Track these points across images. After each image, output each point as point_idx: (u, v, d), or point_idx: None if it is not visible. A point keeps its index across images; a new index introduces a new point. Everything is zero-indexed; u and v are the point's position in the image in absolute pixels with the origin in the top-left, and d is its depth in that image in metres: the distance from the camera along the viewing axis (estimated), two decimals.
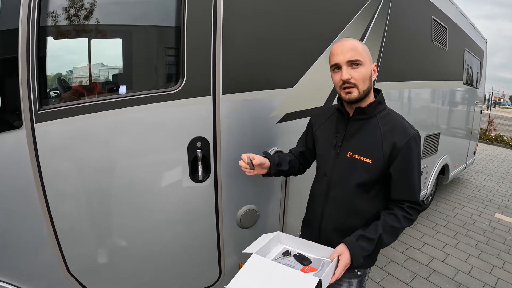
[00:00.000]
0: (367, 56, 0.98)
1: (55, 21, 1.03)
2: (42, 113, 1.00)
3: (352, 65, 0.96)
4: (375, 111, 1.03)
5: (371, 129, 1.01)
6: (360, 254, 0.95)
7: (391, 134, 0.98)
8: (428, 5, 2.59)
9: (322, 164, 1.14)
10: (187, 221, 1.36)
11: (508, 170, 6.12)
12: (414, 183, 1.00)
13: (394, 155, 0.97)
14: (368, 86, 0.98)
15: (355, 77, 0.96)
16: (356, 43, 0.98)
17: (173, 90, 1.18)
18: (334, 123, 1.12)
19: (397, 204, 1.02)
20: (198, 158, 1.27)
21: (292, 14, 1.45)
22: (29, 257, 1.09)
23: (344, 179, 1.05)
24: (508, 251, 2.83)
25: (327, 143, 1.11)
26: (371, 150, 1.00)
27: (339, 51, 0.97)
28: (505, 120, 17.80)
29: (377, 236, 0.97)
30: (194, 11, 1.16)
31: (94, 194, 1.14)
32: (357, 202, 1.04)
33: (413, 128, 1.00)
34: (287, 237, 1.11)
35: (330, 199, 1.09)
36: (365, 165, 1.00)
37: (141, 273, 1.32)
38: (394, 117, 1.03)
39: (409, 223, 1.01)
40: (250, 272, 0.91)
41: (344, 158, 1.04)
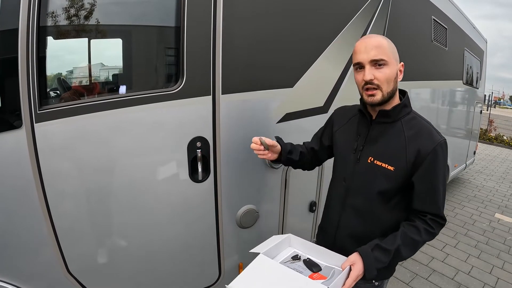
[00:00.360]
0: (393, 55, 0.90)
1: (55, 21, 1.03)
2: (42, 113, 1.00)
3: (375, 65, 0.89)
4: (400, 115, 0.95)
5: (394, 133, 0.94)
6: (374, 266, 0.89)
7: (416, 140, 0.91)
8: (428, 5, 2.59)
9: (340, 168, 1.08)
10: (186, 221, 1.36)
11: (508, 170, 6.12)
12: (439, 194, 0.92)
13: (419, 162, 0.90)
14: (393, 88, 0.91)
15: (379, 78, 0.88)
16: (382, 40, 0.90)
17: (173, 90, 1.18)
18: (356, 125, 1.05)
19: (419, 215, 0.95)
20: (198, 158, 1.27)
21: (291, 14, 1.45)
22: (29, 257, 1.09)
23: (363, 187, 0.98)
24: (508, 251, 2.83)
25: (347, 146, 1.05)
26: (394, 156, 0.93)
27: (363, 49, 0.90)
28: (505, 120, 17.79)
29: (394, 247, 0.90)
30: (194, 11, 1.16)
31: (94, 194, 1.14)
32: (377, 211, 0.98)
33: (440, 135, 0.93)
34: (299, 240, 1.06)
35: (348, 206, 1.03)
36: (386, 172, 0.93)
37: (141, 273, 1.32)
38: (420, 122, 0.95)
39: (430, 237, 0.94)
40: (254, 273, 0.86)
41: (364, 163, 0.98)
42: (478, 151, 6.26)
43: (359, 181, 1.00)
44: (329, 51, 1.62)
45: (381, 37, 0.92)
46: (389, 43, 0.91)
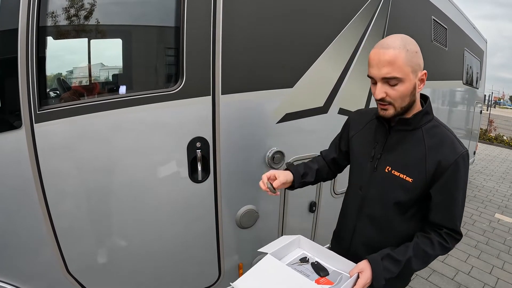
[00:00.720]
0: (411, 68, 0.81)
1: (54, 21, 1.03)
2: (42, 113, 1.00)
3: (387, 83, 0.82)
4: (421, 122, 0.90)
5: (414, 142, 0.89)
6: (383, 275, 0.87)
7: (437, 150, 0.86)
8: (428, 5, 2.59)
9: (357, 175, 1.04)
10: (186, 221, 1.36)
11: (508, 170, 6.11)
12: (457, 208, 0.88)
13: (439, 174, 0.85)
14: (409, 101, 0.86)
15: (392, 95, 0.83)
16: (398, 53, 0.79)
17: (173, 90, 1.18)
18: (373, 131, 1.00)
19: (434, 228, 0.91)
20: (198, 158, 1.27)
21: (291, 14, 1.44)
22: (28, 257, 1.08)
23: (380, 197, 0.95)
24: (508, 251, 2.83)
25: (364, 153, 1.00)
26: (413, 167, 0.88)
27: (375, 63, 0.82)
28: (505, 120, 17.79)
29: (405, 258, 0.88)
30: (194, 11, 1.16)
31: (94, 194, 1.14)
32: (393, 221, 0.95)
33: (462, 145, 0.88)
34: (308, 242, 1.05)
35: (364, 215, 1.01)
36: (404, 183, 0.89)
37: (140, 273, 1.32)
38: (442, 131, 0.90)
39: (443, 252, 0.91)
40: (260, 273, 0.86)
41: (381, 172, 0.94)
42: (478, 151, 6.26)
43: (376, 190, 0.97)
44: (329, 51, 1.62)
45: (399, 47, 0.80)
46: (408, 53, 0.80)
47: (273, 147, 1.52)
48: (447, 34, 2.98)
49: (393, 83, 0.82)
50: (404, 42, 0.82)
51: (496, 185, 4.97)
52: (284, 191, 1.66)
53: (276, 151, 1.51)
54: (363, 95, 1.94)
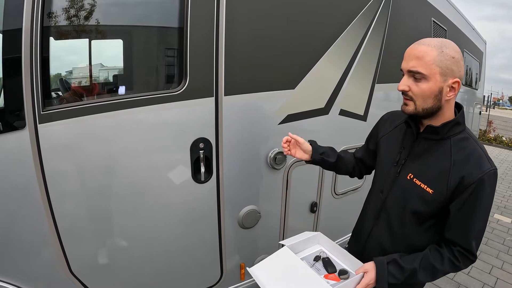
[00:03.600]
0: (439, 69, 0.79)
1: (59, 22, 1.04)
2: (46, 114, 1.00)
3: (413, 76, 0.82)
4: (450, 133, 0.86)
5: (441, 153, 0.86)
6: (386, 279, 0.87)
7: (462, 165, 0.82)
8: (428, 6, 2.60)
9: (379, 178, 1.04)
10: (189, 221, 1.36)
11: (507, 171, 6.14)
12: (474, 228, 0.84)
13: (460, 191, 0.82)
14: (432, 105, 0.82)
15: (414, 91, 0.82)
16: (430, 50, 0.79)
17: (176, 91, 1.18)
18: (401, 135, 0.98)
19: (448, 244, 0.88)
20: (201, 158, 1.28)
21: (293, 16, 1.45)
22: (31, 257, 1.09)
23: (399, 203, 0.94)
24: (507, 251, 2.84)
25: (389, 157, 0.99)
26: (435, 179, 0.85)
27: (407, 56, 0.83)
28: (504, 121, 17.84)
29: (411, 267, 0.87)
30: (197, 12, 1.17)
31: (97, 194, 1.14)
32: (408, 230, 0.93)
33: (491, 163, 0.83)
34: (326, 240, 1.09)
35: (381, 219, 1.00)
36: (424, 194, 0.87)
37: (143, 273, 1.32)
38: (472, 144, 0.85)
39: (453, 270, 0.88)
40: (274, 263, 0.94)
41: (404, 179, 0.92)
42: None
43: (396, 196, 0.95)
44: (330, 53, 1.63)
45: (434, 45, 0.80)
46: (441, 55, 0.79)
47: (275, 148, 1.52)
48: (446, 36, 3.00)
49: (418, 76, 0.81)
50: (442, 44, 0.81)
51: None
52: (285, 192, 1.66)
53: (278, 152, 1.52)
54: (364, 96, 1.95)
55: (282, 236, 1.74)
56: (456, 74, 0.81)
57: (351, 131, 1.90)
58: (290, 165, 1.63)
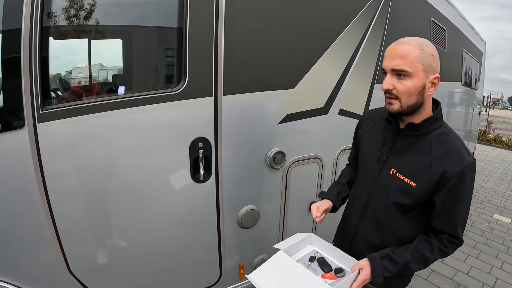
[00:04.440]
0: (422, 67, 0.82)
1: (58, 21, 1.04)
2: (45, 113, 1.00)
3: (397, 75, 0.84)
4: (430, 128, 0.90)
5: (421, 148, 0.90)
6: (381, 274, 0.90)
7: (443, 159, 0.86)
8: (427, 7, 2.60)
9: (362, 174, 1.06)
10: (188, 221, 1.36)
11: (507, 171, 6.14)
12: (459, 216, 0.89)
13: (442, 183, 0.86)
14: (416, 101, 0.85)
15: (399, 89, 0.84)
16: (411, 49, 0.82)
17: (175, 91, 1.18)
18: (382, 132, 1.00)
19: (436, 233, 0.93)
20: (200, 158, 1.28)
21: (293, 15, 1.45)
22: (30, 257, 1.09)
23: (383, 197, 0.97)
24: (506, 251, 2.84)
25: (371, 153, 1.02)
26: (418, 172, 0.89)
27: (389, 55, 0.85)
28: (504, 121, 17.86)
29: (403, 260, 0.91)
30: (196, 12, 1.17)
31: (96, 194, 1.14)
32: (394, 222, 0.97)
33: (469, 155, 0.87)
34: (319, 240, 1.11)
35: (367, 215, 1.03)
36: (408, 187, 0.90)
37: (142, 273, 1.32)
38: (450, 138, 0.90)
39: (442, 256, 0.94)
40: (271, 268, 0.95)
41: (387, 174, 0.95)
42: (476, 152, 6.28)
43: (380, 191, 0.98)
44: (329, 52, 1.63)
45: (414, 44, 0.83)
46: (422, 53, 0.82)
47: (274, 148, 1.53)
48: (446, 36, 3.00)
49: (403, 74, 0.83)
50: (421, 43, 0.84)
51: (495, 186, 4.99)
52: (284, 192, 1.66)
53: (277, 152, 1.52)
54: (363, 96, 1.95)
55: (282, 236, 1.74)
56: (436, 70, 0.85)
57: (350, 131, 1.89)
58: (289, 165, 1.63)
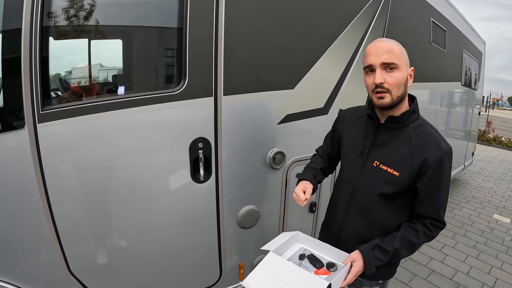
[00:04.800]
0: (404, 60, 0.90)
1: (59, 22, 1.04)
2: (45, 113, 1.00)
3: (386, 69, 0.89)
4: (408, 121, 0.96)
5: (402, 140, 0.96)
6: (373, 264, 0.94)
7: (422, 148, 0.93)
8: (427, 7, 2.61)
9: (346, 169, 1.10)
10: (188, 221, 1.36)
11: (506, 171, 6.15)
12: (441, 200, 0.95)
13: (424, 170, 0.92)
14: (403, 92, 0.92)
15: (389, 82, 0.89)
16: (393, 44, 0.90)
17: (176, 91, 1.19)
18: (363, 128, 1.05)
19: (420, 219, 0.98)
20: (200, 158, 1.28)
21: (293, 16, 1.46)
22: (30, 257, 1.09)
23: (368, 189, 1.01)
24: (506, 251, 2.85)
25: (353, 148, 1.06)
26: (400, 162, 0.94)
27: (374, 52, 0.90)
28: (503, 122, 17.87)
29: (393, 248, 0.95)
30: (197, 12, 1.17)
31: (96, 194, 1.14)
32: (380, 212, 1.01)
33: (446, 143, 0.94)
34: (306, 237, 1.12)
35: (352, 208, 1.06)
36: (391, 177, 0.95)
37: (142, 273, 1.32)
38: (428, 129, 0.97)
39: (428, 240, 0.98)
40: (265, 270, 0.94)
41: (370, 166, 1.00)
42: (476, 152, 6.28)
43: (364, 183, 1.02)
44: (329, 52, 1.63)
45: (393, 41, 0.92)
46: (401, 48, 0.91)
47: (274, 148, 1.53)
48: (445, 36, 3.01)
49: (392, 66, 0.88)
50: (396, 41, 0.93)
51: (495, 186, 5.00)
52: (284, 192, 1.67)
53: (277, 152, 1.52)
54: (363, 96, 1.95)
55: None
56: (409, 64, 0.94)
57: None
58: (289, 165, 1.63)
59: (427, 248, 2.83)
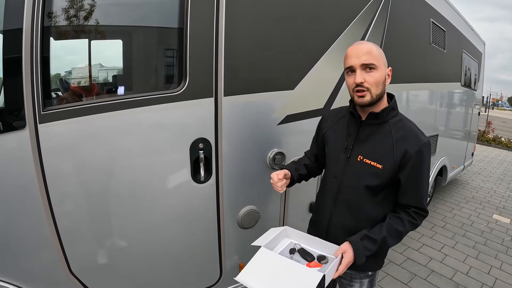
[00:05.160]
0: (382, 60, 0.97)
1: (60, 22, 1.04)
2: (46, 113, 1.00)
3: (366, 69, 0.95)
4: (388, 117, 1.03)
5: (383, 134, 1.02)
6: (363, 253, 0.98)
7: (403, 141, 0.98)
8: (427, 7, 2.61)
9: (332, 166, 1.14)
10: (188, 221, 1.37)
11: (506, 171, 6.15)
12: (422, 189, 1.01)
13: (405, 162, 0.98)
14: (381, 90, 0.98)
15: (369, 81, 0.95)
16: (372, 46, 0.97)
17: (176, 92, 1.19)
18: (346, 126, 1.11)
19: (404, 208, 1.04)
20: (200, 159, 1.29)
21: (293, 16, 1.46)
22: (31, 257, 1.09)
23: (353, 183, 1.05)
24: (506, 251, 2.85)
25: (337, 145, 1.11)
26: (382, 156, 1.00)
27: (354, 54, 0.96)
28: (503, 122, 17.89)
29: (381, 237, 1.00)
30: (197, 13, 1.18)
31: (97, 194, 1.15)
32: (366, 205, 1.05)
33: (424, 136, 1.01)
34: (295, 232, 1.13)
35: (339, 202, 1.10)
36: (375, 170, 1.00)
37: (143, 273, 1.32)
38: (407, 124, 1.03)
39: (413, 227, 1.03)
40: (258, 265, 0.95)
41: (354, 161, 1.05)
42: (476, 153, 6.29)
43: (350, 178, 1.06)
44: (329, 53, 1.64)
45: (371, 43, 0.99)
46: (379, 50, 0.98)
47: (274, 148, 1.53)
48: (445, 37, 3.01)
49: (372, 67, 0.95)
50: (374, 43, 1.00)
51: (494, 186, 5.00)
52: (284, 192, 1.67)
53: (277, 152, 1.52)
54: None
55: None
56: (387, 65, 1.01)
57: None
58: None
59: (427, 248, 2.83)
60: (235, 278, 0.93)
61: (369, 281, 1.17)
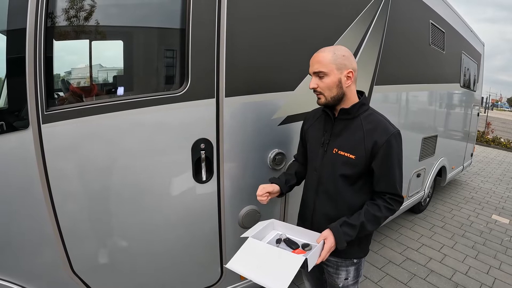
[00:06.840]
0: (336, 66, 1.05)
1: (63, 23, 1.05)
2: (49, 114, 1.01)
3: (318, 75, 1.07)
4: (359, 112, 1.11)
5: (354, 128, 1.10)
6: (343, 239, 1.05)
7: (372, 132, 1.07)
8: (426, 9, 2.63)
9: (312, 160, 1.23)
10: (190, 221, 1.37)
11: (505, 172, 6.17)
12: (395, 176, 1.08)
13: (375, 151, 1.06)
14: (337, 93, 1.07)
15: (321, 86, 1.07)
16: (325, 55, 1.05)
17: (178, 93, 1.20)
18: (322, 123, 1.21)
19: (380, 195, 1.11)
20: (202, 159, 1.29)
21: (294, 18, 1.47)
22: (33, 256, 1.10)
23: (331, 173, 1.14)
24: (505, 252, 2.86)
25: (316, 141, 1.21)
26: (355, 147, 1.08)
27: (310, 63, 1.09)
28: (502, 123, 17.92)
29: (359, 222, 1.06)
30: (199, 14, 1.18)
31: (99, 194, 1.15)
32: (344, 194, 1.13)
33: (393, 127, 1.09)
34: (281, 223, 1.22)
35: (320, 192, 1.19)
36: (349, 160, 1.09)
37: (144, 272, 1.33)
38: (376, 117, 1.11)
39: (390, 213, 1.11)
40: (246, 253, 1.02)
41: (331, 154, 1.14)
42: (475, 153, 6.31)
43: (328, 169, 1.15)
44: None
45: (328, 51, 1.07)
46: (334, 56, 1.05)
47: (274, 149, 1.54)
48: (444, 38, 3.03)
49: (321, 75, 1.06)
50: (334, 48, 1.08)
51: (493, 187, 5.02)
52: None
53: (277, 153, 1.53)
54: None
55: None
56: (349, 67, 1.07)
57: None
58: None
59: (426, 248, 2.84)
60: (226, 265, 1.01)
61: (355, 269, 1.22)
